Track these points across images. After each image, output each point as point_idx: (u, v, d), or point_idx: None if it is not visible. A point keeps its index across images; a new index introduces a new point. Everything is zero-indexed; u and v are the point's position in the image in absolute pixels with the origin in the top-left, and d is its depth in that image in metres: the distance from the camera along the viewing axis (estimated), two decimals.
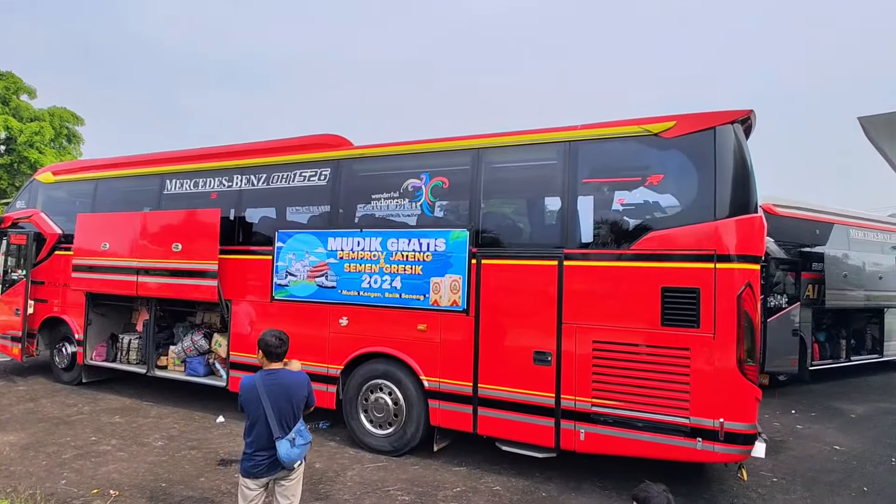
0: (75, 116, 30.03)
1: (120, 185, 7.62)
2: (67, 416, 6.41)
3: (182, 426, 6.10)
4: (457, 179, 5.20)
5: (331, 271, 5.64)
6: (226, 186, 6.52)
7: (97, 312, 7.65)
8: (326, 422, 6.17)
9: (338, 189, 5.74)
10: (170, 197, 6.95)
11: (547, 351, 4.59)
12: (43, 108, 28.31)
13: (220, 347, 6.75)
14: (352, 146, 5.92)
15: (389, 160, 5.56)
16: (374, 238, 5.42)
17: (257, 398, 3.08)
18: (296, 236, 5.89)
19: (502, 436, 4.80)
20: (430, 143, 5.32)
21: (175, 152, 7.17)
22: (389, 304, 5.31)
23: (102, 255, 7.11)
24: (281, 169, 6.14)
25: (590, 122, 4.66)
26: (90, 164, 8.10)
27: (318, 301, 5.70)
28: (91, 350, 7.59)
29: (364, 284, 5.44)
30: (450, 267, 5.03)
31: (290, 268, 5.89)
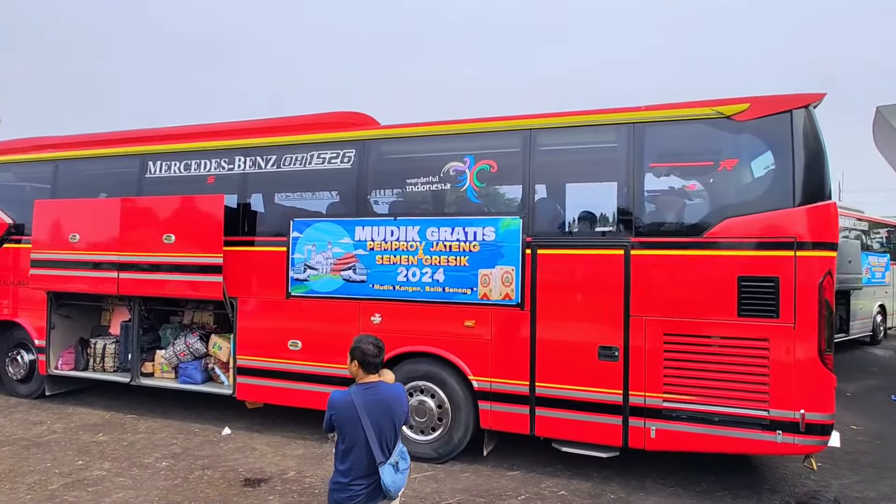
0: None
1: (87, 167, 6.59)
2: (37, 436, 5.48)
3: (183, 441, 5.37)
4: (506, 163, 4.81)
5: (359, 264, 5.10)
6: (226, 169, 5.76)
7: (61, 314, 6.62)
8: None
9: (364, 173, 5.18)
10: (154, 181, 6.07)
11: (613, 346, 4.33)
12: None
13: (219, 350, 6.01)
14: (378, 125, 5.37)
15: (427, 141, 5.07)
16: (411, 227, 4.93)
17: (355, 417, 2.58)
18: (316, 225, 5.28)
19: (563, 436, 4.52)
20: (476, 123, 4.89)
21: (160, 129, 6.28)
22: (430, 299, 4.86)
23: (70, 248, 6.12)
24: (294, 150, 5.47)
25: (656, 104, 4.41)
26: (44, 143, 6.96)
27: (344, 297, 5.15)
28: (56, 358, 6.57)
29: (400, 278, 4.95)
30: (501, 258, 4.65)
31: (310, 260, 5.28)
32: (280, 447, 5.25)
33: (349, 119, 5.41)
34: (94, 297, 6.69)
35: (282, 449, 5.20)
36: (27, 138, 7.17)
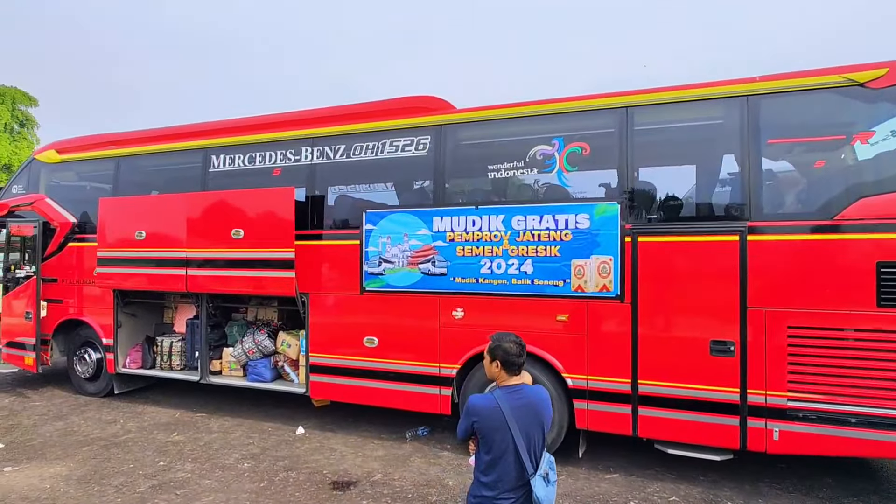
0: (28, 97, 27.51)
1: (149, 163, 6.51)
2: (113, 435, 5.43)
3: (259, 441, 5.24)
4: (600, 144, 4.47)
5: (439, 256, 4.84)
6: (292, 161, 5.56)
7: (127, 312, 6.59)
8: (426, 428, 5.43)
9: (442, 160, 4.91)
10: (218, 175, 5.93)
11: (728, 340, 3.97)
12: None
13: (288, 348, 5.86)
14: (454, 109, 5.08)
15: (510, 124, 4.75)
16: (494, 216, 4.64)
17: (503, 425, 2.31)
18: (390, 217, 5.04)
19: (670, 437, 4.20)
20: (564, 103, 4.55)
21: (222, 122, 6.12)
22: (518, 292, 4.57)
23: (137, 245, 6.04)
24: (365, 138, 5.23)
25: (772, 74, 4.00)
26: (104, 140, 6.90)
27: (423, 291, 4.90)
28: (123, 356, 6.55)
29: (484, 270, 4.68)
30: (596, 246, 4.33)
31: (385, 254, 5.05)
32: (358, 448, 5.07)
33: (423, 104, 5.13)
34: (158, 294, 6.65)
35: (361, 449, 5.02)
36: (86, 136, 7.13)
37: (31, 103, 27.86)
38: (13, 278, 6.97)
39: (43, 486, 4.27)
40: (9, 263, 7.05)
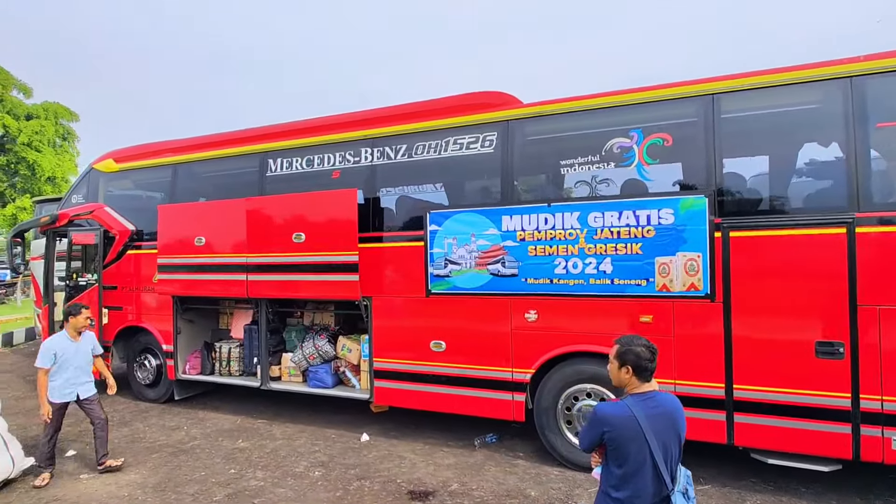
0: (69, 112, 28.48)
1: (206, 169, 6.53)
2: (180, 442, 5.42)
3: (325, 448, 5.15)
4: (684, 134, 4.23)
5: (509, 256, 4.67)
6: (352, 163, 5.48)
7: (185, 319, 6.62)
8: (494, 434, 5.24)
9: (510, 157, 4.74)
10: (275, 180, 5.89)
11: (836, 341, 3.68)
12: (36, 104, 26.76)
13: (349, 353, 5.77)
14: (521, 104, 4.91)
15: (583, 117, 4.55)
16: (568, 213, 4.44)
17: (640, 436, 2.12)
18: (456, 217, 4.89)
19: (770, 446, 3.91)
20: (642, 93, 4.32)
21: (280, 126, 6.08)
22: (596, 293, 4.35)
23: (197, 251, 6.05)
24: (427, 137, 5.10)
25: (877, 53, 3.70)
26: (160, 148, 6.97)
27: (492, 293, 4.73)
28: (183, 362, 6.58)
29: (558, 270, 4.48)
30: (683, 243, 4.08)
31: (451, 255, 4.90)
32: (427, 455, 4.92)
33: (488, 99, 4.98)
34: (214, 300, 6.66)
35: (430, 457, 4.87)
36: (142, 145, 7.22)
37: (72, 118, 28.85)
38: (75, 286, 7.08)
39: (121, 494, 4.25)
40: (71, 272, 7.17)
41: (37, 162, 25.60)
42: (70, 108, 28.48)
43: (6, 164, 25.70)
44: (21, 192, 26.43)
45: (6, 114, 24.63)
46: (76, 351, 4.67)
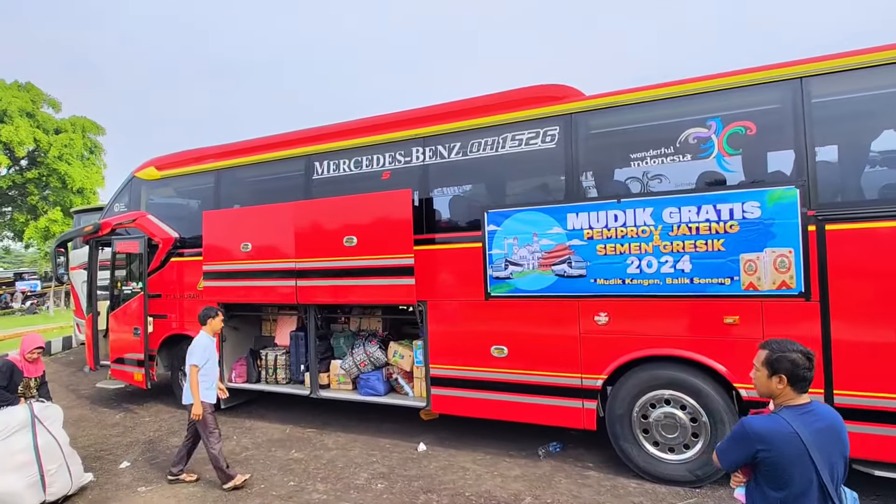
0: (96, 126, 29.08)
1: (249, 174, 6.44)
2: (232, 453, 5.28)
3: (382, 459, 4.96)
4: (769, 122, 3.95)
5: (576, 256, 4.43)
6: (402, 163, 5.31)
7: (230, 326, 6.51)
8: (558, 443, 5.00)
9: (573, 151, 4.51)
10: (322, 182, 5.75)
11: None
12: (65, 119, 27.39)
13: (401, 360, 5.58)
14: (584, 96, 4.68)
15: (654, 107, 4.30)
16: (641, 209, 4.19)
17: (804, 454, 1.87)
18: (516, 216, 4.68)
19: (881, 458, 3.60)
20: (721, 79, 4.05)
21: (325, 127, 5.95)
22: (674, 293, 4.09)
23: (243, 257, 5.95)
24: (483, 134, 4.91)
25: None
26: (201, 154, 6.91)
27: (558, 295, 4.50)
28: (228, 371, 6.47)
29: (631, 269, 4.23)
30: (771, 238, 3.80)
31: (512, 256, 4.69)
32: (491, 466, 4.70)
33: (548, 92, 4.76)
34: (257, 307, 6.55)
35: (494, 468, 4.65)
36: (182, 152, 7.17)
37: (99, 132, 29.44)
38: (119, 295, 7.05)
39: None
40: (115, 280, 7.15)
41: (67, 174, 26.15)
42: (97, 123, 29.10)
43: (38, 176, 26.32)
44: (52, 204, 27.04)
45: (37, 128, 25.23)
46: (213, 352, 4.66)
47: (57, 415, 4.35)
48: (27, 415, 4.08)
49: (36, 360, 4.74)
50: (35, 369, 4.74)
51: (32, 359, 4.64)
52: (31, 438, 4.02)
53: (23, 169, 26.68)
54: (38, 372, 4.77)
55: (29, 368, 4.68)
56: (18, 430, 3.98)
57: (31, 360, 4.67)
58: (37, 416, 4.13)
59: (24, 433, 4.01)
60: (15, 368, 4.60)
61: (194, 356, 4.48)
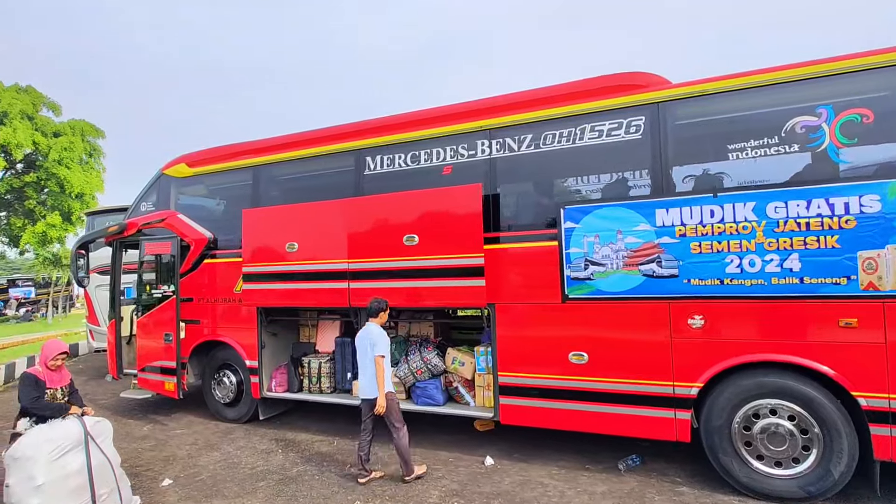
0: (95, 129, 28.59)
1: (291, 170, 6.09)
2: (282, 468, 4.90)
3: (448, 475, 4.60)
4: (890, 109, 3.68)
5: (666, 255, 4.12)
6: (465, 157, 4.99)
7: (268, 332, 6.14)
8: (637, 456, 4.66)
9: (661, 143, 4.22)
10: (375, 178, 5.42)
11: None
12: (63, 122, 26.86)
13: (461, 367, 5.24)
14: (671, 84, 4.40)
15: (755, 95, 4.01)
16: (741, 204, 3.89)
17: None
18: (597, 212, 4.37)
19: None
20: (832, 64, 3.78)
21: (377, 120, 5.63)
22: (780, 294, 3.79)
23: (288, 258, 5.59)
24: (558, 125, 4.61)
25: None
26: (237, 150, 6.56)
27: (646, 296, 4.18)
28: (268, 379, 6.09)
29: (730, 269, 3.92)
30: (894, 233, 3.52)
31: (593, 255, 4.37)
32: (570, 481, 4.35)
33: (630, 80, 4.48)
34: (295, 311, 6.19)
35: (574, 483, 4.30)
36: (214, 148, 6.81)
37: (98, 135, 28.92)
38: (147, 299, 6.65)
39: None
40: (144, 283, 6.75)
41: (66, 178, 25.60)
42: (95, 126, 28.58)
43: (36, 180, 25.75)
44: (51, 209, 26.44)
45: (36, 131, 24.69)
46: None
47: (108, 430, 3.95)
48: (80, 430, 3.67)
49: (59, 367, 4.23)
50: (60, 378, 4.23)
51: (56, 366, 4.14)
52: (85, 458, 3.61)
53: (19, 173, 26.10)
54: (65, 381, 4.27)
55: (52, 378, 4.16)
56: (72, 449, 3.57)
57: (55, 367, 4.16)
58: (89, 433, 3.72)
59: (78, 452, 3.60)
60: (38, 380, 4.06)
61: (381, 346, 4.37)
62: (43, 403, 3.93)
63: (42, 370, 4.01)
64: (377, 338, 4.42)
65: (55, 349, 4.08)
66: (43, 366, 4.04)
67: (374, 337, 4.42)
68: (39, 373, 3.98)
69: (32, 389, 3.89)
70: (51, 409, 3.90)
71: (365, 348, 4.45)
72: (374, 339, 4.41)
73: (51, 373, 4.05)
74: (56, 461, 3.51)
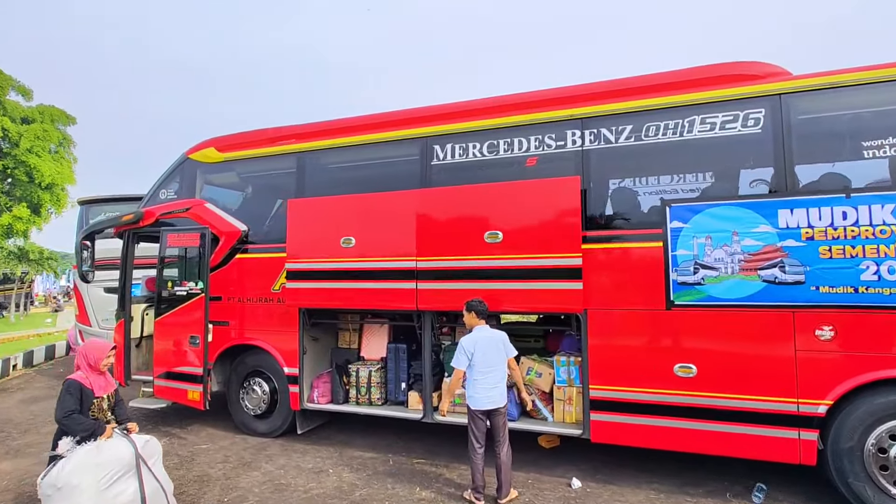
0: (66, 115, 27.03)
1: (343, 158, 5.54)
2: (341, 491, 4.33)
3: (534, 498, 4.12)
4: None
5: (790, 259, 3.78)
6: (553, 147, 4.57)
7: (310, 336, 5.55)
8: (764, 485, 4.22)
9: (786, 138, 3.89)
10: (444, 169, 4.93)
11: None
12: (32, 107, 25.27)
13: (537, 378, 4.78)
14: (791, 75, 4.08)
15: (892, 89, 3.73)
16: (878, 206, 3.59)
17: None
18: (709, 212, 4.00)
19: None
20: None
21: (447, 106, 5.16)
22: None
23: (343, 254, 5.03)
24: (663, 115, 4.23)
25: None
26: (276, 134, 5.96)
27: (766, 305, 3.83)
28: (308, 389, 5.48)
29: (866, 276, 3.60)
30: None
31: (703, 258, 4.00)
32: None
33: (745, 70, 4.16)
34: (335, 313, 5.63)
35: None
36: (247, 132, 6.20)
37: (69, 122, 27.36)
38: (168, 297, 5.94)
39: None
40: (164, 280, 6.03)
41: (37, 167, 24.02)
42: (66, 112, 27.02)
43: (2, 169, 24.07)
44: (17, 199, 24.75)
45: (4, 117, 23.09)
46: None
47: (157, 451, 3.34)
48: (131, 453, 3.05)
49: (104, 371, 3.71)
50: (106, 384, 3.69)
51: (109, 365, 3.64)
52: (138, 486, 2.99)
53: None
54: (110, 388, 3.73)
55: (99, 385, 3.61)
56: (123, 475, 2.95)
57: (103, 370, 3.64)
58: (141, 455, 3.10)
59: (130, 479, 3.00)
60: (84, 388, 3.51)
61: (511, 347, 4.09)
62: (77, 419, 3.30)
63: (87, 375, 3.40)
64: (506, 339, 4.07)
65: (104, 348, 3.55)
66: (88, 370, 3.46)
67: (504, 339, 4.05)
68: (84, 379, 3.38)
69: (71, 401, 3.27)
70: (84, 427, 3.29)
71: (496, 350, 3.99)
72: (506, 341, 4.04)
73: (97, 378, 3.49)
74: (105, 490, 2.90)
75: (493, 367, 3.97)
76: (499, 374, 3.99)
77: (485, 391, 3.96)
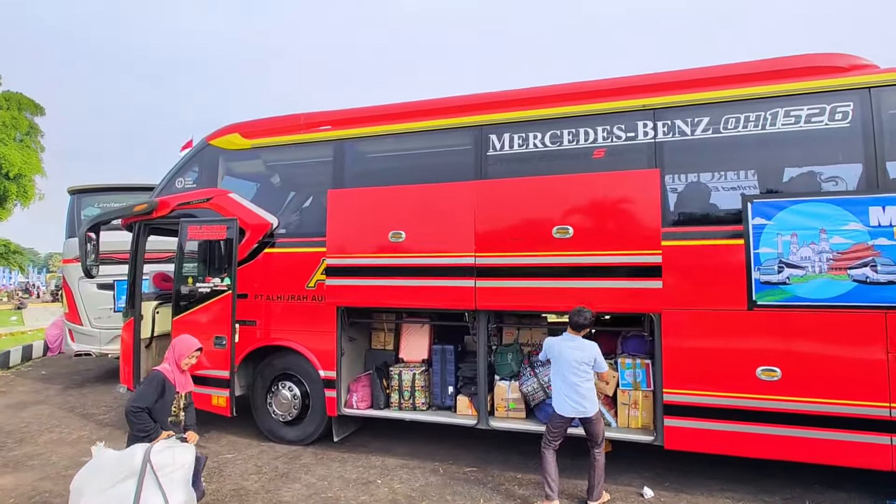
0: (35, 104, 25.62)
1: (386, 147, 5.19)
2: (394, 503, 4.00)
3: None
4: None
5: (883, 258, 3.64)
6: (623, 139, 4.33)
7: (347, 336, 5.18)
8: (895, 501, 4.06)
9: (877, 133, 3.74)
10: (501, 160, 4.64)
11: None
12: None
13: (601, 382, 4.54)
14: (879, 68, 3.95)
15: None
16: None
17: None
18: (794, 208, 3.83)
19: None
20: None
21: (505, 93, 4.88)
22: None
23: (391, 249, 4.70)
24: (743, 108, 4.04)
25: None
26: (309, 120, 5.55)
27: (857, 305, 3.68)
28: (345, 393, 5.11)
29: None
30: None
31: (788, 256, 3.83)
32: None
33: (829, 62, 4.01)
34: (369, 312, 5.29)
35: None
36: (275, 117, 5.77)
37: (37, 112, 25.95)
38: (189, 294, 5.46)
39: None
40: (185, 275, 5.54)
41: (5, 157, 22.67)
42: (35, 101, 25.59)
43: None
44: None
45: None
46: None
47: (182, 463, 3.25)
48: (140, 459, 2.80)
49: (185, 370, 3.66)
50: (186, 382, 3.68)
51: (189, 365, 3.64)
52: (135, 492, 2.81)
53: None
54: (189, 386, 3.72)
55: (180, 382, 3.59)
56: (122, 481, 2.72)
57: (187, 367, 3.63)
58: (151, 462, 2.99)
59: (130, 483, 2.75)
60: (167, 383, 3.47)
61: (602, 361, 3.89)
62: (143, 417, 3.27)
63: (172, 369, 3.45)
64: (598, 352, 3.85)
65: (191, 345, 3.59)
66: (174, 365, 3.49)
67: (595, 351, 3.83)
68: (170, 373, 3.41)
69: (151, 396, 3.32)
70: (142, 428, 3.25)
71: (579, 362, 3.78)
72: (596, 354, 3.83)
73: (181, 374, 3.52)
74: (105, 492, 2.66)
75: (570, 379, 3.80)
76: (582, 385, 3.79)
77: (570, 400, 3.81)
